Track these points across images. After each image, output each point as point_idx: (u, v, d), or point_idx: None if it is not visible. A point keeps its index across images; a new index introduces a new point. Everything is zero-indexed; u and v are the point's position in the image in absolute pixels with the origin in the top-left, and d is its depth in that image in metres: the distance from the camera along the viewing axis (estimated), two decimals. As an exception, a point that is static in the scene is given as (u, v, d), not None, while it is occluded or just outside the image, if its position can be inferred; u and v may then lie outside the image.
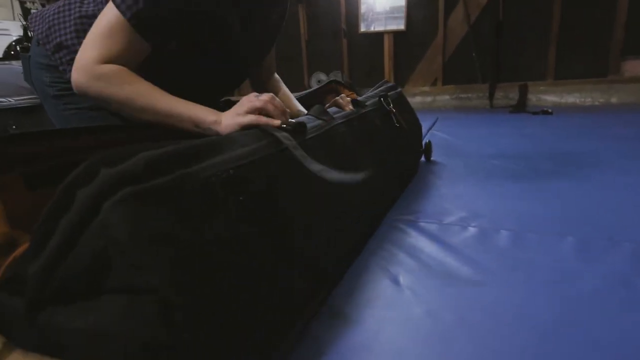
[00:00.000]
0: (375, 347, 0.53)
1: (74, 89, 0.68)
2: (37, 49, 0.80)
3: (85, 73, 0.65)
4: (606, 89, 3.13)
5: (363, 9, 3.66)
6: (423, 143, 1.52)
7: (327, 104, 0.93)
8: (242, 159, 0.54)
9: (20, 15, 3.69)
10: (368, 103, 1.08)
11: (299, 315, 0.57)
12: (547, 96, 3.30)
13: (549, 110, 2.76)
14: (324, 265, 0.65)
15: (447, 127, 2.33)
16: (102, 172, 0.39)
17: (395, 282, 0.68)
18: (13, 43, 3.06)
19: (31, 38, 0.84)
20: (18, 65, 1.85)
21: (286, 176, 0.60)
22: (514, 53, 3.35)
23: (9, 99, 1.61)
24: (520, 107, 3.06)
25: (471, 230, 0.88)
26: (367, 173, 0.86)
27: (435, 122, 2.58)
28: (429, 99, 3.65)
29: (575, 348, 0.51)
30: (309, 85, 3.88)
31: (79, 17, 0.75)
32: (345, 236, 0.73)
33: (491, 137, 1.94)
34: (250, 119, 0.61)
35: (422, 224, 0.92)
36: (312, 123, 0.75)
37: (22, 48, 0.86)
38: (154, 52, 0.70)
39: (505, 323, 0.56)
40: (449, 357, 0.51)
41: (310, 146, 0.68)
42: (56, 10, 0.77)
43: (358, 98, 1.07)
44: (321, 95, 1.34)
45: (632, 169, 1.27)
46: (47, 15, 0.77)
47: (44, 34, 0.76)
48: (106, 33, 0.65)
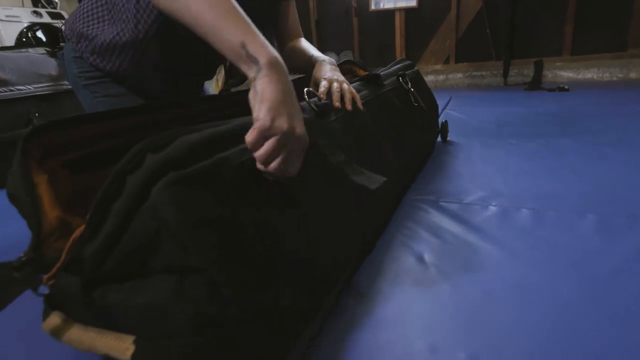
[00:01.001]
0: (405, 322, 0.55)
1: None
2: (66, 44, 0.86)
3: None
4: (625, 64, 3.05)
5: (373, -14, 3.59)
6: (439, 123, 1.51)
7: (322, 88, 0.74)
8: None
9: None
10: (386, 82, 1.08)
11: (328, 289, 0.59)
12: (564, 72, 3.23)
13: (566, 87, 2.71)
14: (348, 247, 0.67)
15: (462, 106, 2.31)
16: (148, 158, 0.41)
17: (420, 260, 0.70)
18: (24, 30, 3.07)
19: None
20: (35, 52, 1.87)
21: (313, 162, 0.61)
22: (529, 28, 3.26)
23: (29, 87, 1.64)
24: (535, 84, 3.00)
25: (492, 209, 0.89)
26: (390, 164, 0.87)
27: (449, 101, 2.55)
28: (442, 77, 3.59)
29: (599, 324, 0.53)
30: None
31: (94, 6, 0.78)
32: (368, 220, 0.75)
33: (506, 116, 1.92)
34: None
35: (443, 204, 0.93)
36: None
37: (58, 47, 0.93)
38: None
39: (531, 299, 0.58)
40: (477, 332, 0.53)
41: (333, 129, 0.70)
42: (81, 5, 0.81)
43: (379, 73, 1.06)
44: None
45: (652, 146, 1.26)
46: (75, 11, 0.82)
47: (70, 28, 0.82)
48: None
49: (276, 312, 0.48)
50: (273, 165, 0.46)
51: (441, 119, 1.58)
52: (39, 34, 2.74)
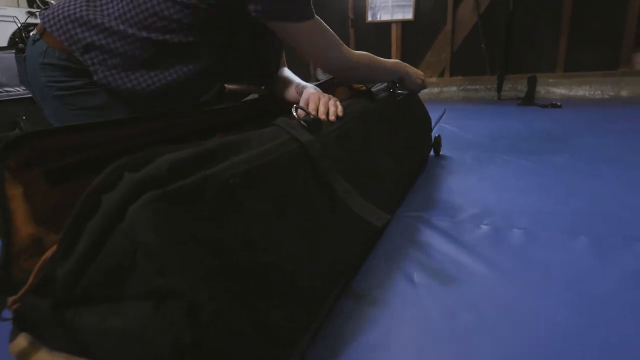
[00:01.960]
0: (393, 346, 0.53)
1: (336, 74, 0.96)
2: (32, 48, 0.76)
3: (345, 64, 0.90)
4: (617, 82, 3.09)
5: (370, -2, 3.61)
6: (432, 136, 1.51)
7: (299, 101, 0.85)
8: (259, 159, 0.53)
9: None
10: (380, 96, 1.07)
11: (316, 312, 0.57)
12: (556, 88, 3.27)
13: (558, 103, 2.74)
14: (340, 261, 0.65)
15: (455, 120, 2.31)
16: (126, 177, 0.39)
17: (410, 281, 0.68)
18: (18, 30, 3.04)
19: (26, 39, 0.82)
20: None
21: (302, 177, 0.60)
22: (524, 44, 3.30)
23: (17, 89, 1.61)
24: (528, 100, 3.02)
25: (484, 228, 0.87)
26: (383, 178, 0.86)
27: (443, 114, 2.56)
28: (437, 90, 3.61)
29: (592, 349, 0.51)
30: (314, 74, 3.85)
31: (116, 18, 0.72)
32: (360, 236, 0.73)
33: (500, 131, 1.93)
34: None
35: (435, 221, 0.92)
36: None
37: (17, 49, 0.82)
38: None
39: (522, 323, 0.57)
40: (468, 358, 0.51)
41: (327, 144, 0.68)
42: (78, 10, 0.73)
43: (371, 89, 1.06)
44: (329, 87, 1.33)
45: (639, 165, 1.26)
46: (67, 14, 0.73)
47: (68, 34, 0.72)
48: (324, 34, 0.83)
49: (260, 331, 0.46)
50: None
51: (435, 132, 1.58)
52: (33, 35, 2.70)
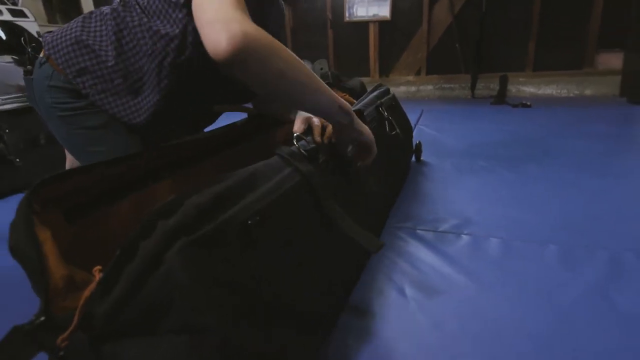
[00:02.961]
0: (393, 358, 0.60)
1: (224, 61, 0.51)
2: (39, 71, 0.80)
3: (238, 36, 0.50)
4: (581, 81, 3.27)
5: (348, -4, 3.65)
6: (414, 143, 1.59)
7: (298, 127, 0.78)
8: (269, 195, 0.58)
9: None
10: (366, 113, 1.13)
11: (317, 331, 0.63)
12: (526, 87, 3.42)
13: (528, 103, 2.88)
14: (337, 281, 0.71)
15: (433, 122, 2.40)
16: (160, 225, 0.44)
17: (401, 294, 0.75)
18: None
19: (34, 60, 0.83)
20: (3, 61, 1.81)
21: (304, 207, 0.65)
22: (496, 44, 3.43)
23: (-2, 98, 1.57)
24: (500, 99, 3.16)
25: (464, 238, 0.96)
26: (376, 195, 0.92)
27: (420, 116, 2.65)
28: (413, 89, 3.71)
29: (568, 357, 0.60)
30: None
31: (103, 42, 0.77)
32: (355, 255, 0.80)
33: (476, 134, 2.03)
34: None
35: (420, 232, 0.99)
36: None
37: (26, 71, 0.85)
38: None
39: (504, 333, 0.65)
40: (456, 367, 0.59)
41: (325, 171, 0.74)
42: (74, 35, 0.77)
43: (357, 107, 1.12)
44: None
45: (608, 171, 1.38)
46: (66, 39, 0.77)
47: (63, 58, 0.76)
48: None
49: (277, 355, 0.51)
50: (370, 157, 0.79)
51: (415, 137, 1.65)
52: (-1, 33, 2.60)
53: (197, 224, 0.46)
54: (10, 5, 3.36)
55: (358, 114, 1.04)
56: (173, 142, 0.79)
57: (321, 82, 0.63)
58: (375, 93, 1.37)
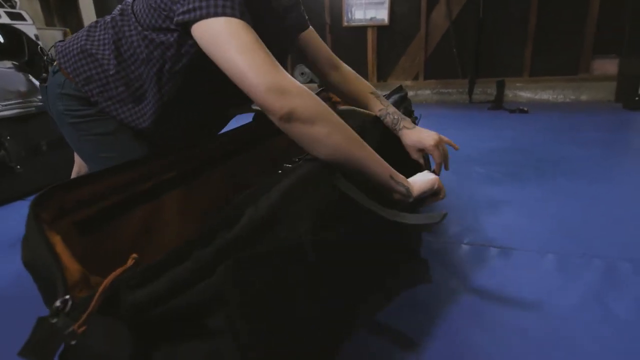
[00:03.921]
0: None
1: (284, 122, 0.59)
2: (53, 79, 0.82)
3: (278, 97, 0.58)
4: (577, 87, 3.31)
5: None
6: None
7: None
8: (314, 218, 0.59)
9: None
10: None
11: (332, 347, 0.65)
12: (523, 92, 3.45)
13: (525, 108, 2.91)
14: (349, 301, 0.73)
15: (430, 127, 2.41)
16: (219, 236, 0.46)
17: (402, 303, 0.77)
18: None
19: (48, 68, 0.85)
20: (3, 66, 1.81)
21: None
22: (493, 50, 3.46)
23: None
24: (497, 104, 3.19)
25: (464, 248, 0.97)
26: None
27: (419, 121, 2.67)
28: (411, 94, 3.73)
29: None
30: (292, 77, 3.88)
31: (105, 50, 0.78)
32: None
33: (474, 140, 2.05)
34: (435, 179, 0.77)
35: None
36: None
37: (41, 79, 0.87)
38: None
39: (502, 343, 0.66)
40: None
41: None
42: (79, 44, 0.79)
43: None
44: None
45: (605, 178, 1.40)
46: (73, 48, 0.79)
47: (72, 67, 0.79)
48: (244, 48, 0.58)
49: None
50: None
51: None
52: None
53: (249, 241, 0.48)
54: (8, 8, 3.35)
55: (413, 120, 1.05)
56: (180, 150, 0.80)
57: (370, 149, 0.67)
58: (394, 97, 1.32)
